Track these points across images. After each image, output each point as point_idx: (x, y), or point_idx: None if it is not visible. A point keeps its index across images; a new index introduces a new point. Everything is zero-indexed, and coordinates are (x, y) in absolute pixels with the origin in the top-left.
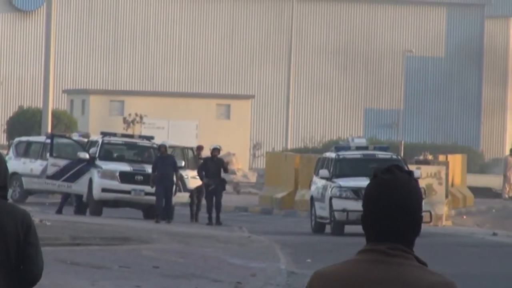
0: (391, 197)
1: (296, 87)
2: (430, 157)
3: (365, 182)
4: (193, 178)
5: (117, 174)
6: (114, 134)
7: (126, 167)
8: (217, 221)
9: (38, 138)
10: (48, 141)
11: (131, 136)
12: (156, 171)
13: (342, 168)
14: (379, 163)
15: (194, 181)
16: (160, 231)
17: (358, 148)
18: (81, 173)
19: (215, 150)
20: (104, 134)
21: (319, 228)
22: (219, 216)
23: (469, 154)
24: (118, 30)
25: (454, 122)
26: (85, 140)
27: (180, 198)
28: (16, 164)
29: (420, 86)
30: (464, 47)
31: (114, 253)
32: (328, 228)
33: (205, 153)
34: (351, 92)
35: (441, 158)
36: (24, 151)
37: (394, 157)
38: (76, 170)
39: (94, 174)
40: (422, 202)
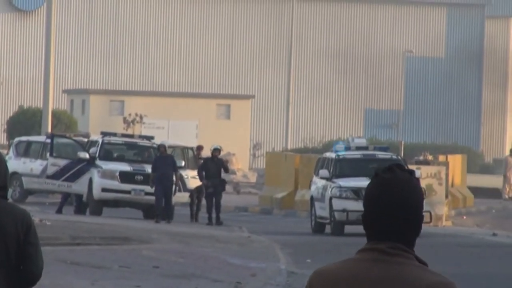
0: (392, 196)
1: (296, 88)
2: (430, 158)
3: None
4: (193, 178)
5: (117, 174)
6: (114, 134)
7: (126, 167)
8: (217, 221)
9: (38, 138)
10: (48, 141)
11: (131, 136)
12: (156, 171)
13: (342, 168)
14: (379, 163)
15: (194, 181)
16: (160, 231)
17: (358, 148)
18: (81, 173)
19: (216, 151)
20: (104, 134)
21: (319, 228)
22: (219, 216)
23: (469, 155)
24: (118, 30)
25: (454, 123)
26: (85, 140)
27: (180, 198)
28: (16, 164)
29: (420, 87)
30: (464, 48)
31: (114, 253)
32: (328, 228)
33: (205, 153)
34: (351, 93)
35: (441, 159)
36: (24, 151)
37: (394, 157)
38: (76, 170)
39: (94, 174)
40: (423, 202)
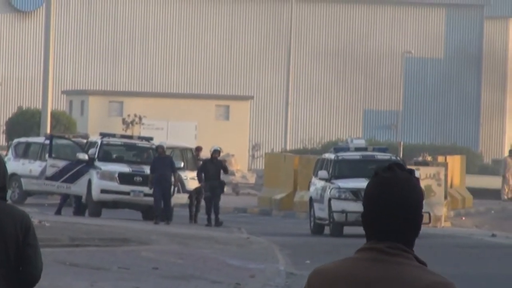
0: (392, 195)
1: (295, 89)
2: (429, 158)
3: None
4: (192, 179)
5: (116, 175)
6: (113, 135)
7: (125, 168)
8: (216, 222)
9: (37, 139)
10: (47, 142)
11: (130, 137)
12: (154, 172)
13: (341, 169)
14: (378, 164)
15: (193, 182)
16: (159, 232)
17: (357, 149)
18: (80, 174)
19: (216, 152)
20: (103, 135)
21: (318, 229)
22: (218, 218)
23: (468, 156)
24: (118, 31)
25: (453, 124)
26: (84, 141)
27: (179, 199)
28: (15, 165)
29: (419, 87)
30: (463, 49)
31: (113, 254)
32: (327, 229)
33: (204, 154)
34: (350, 93)
35: (440, 159)
36: (23, 152)
37: (393, 158)
38: (75, 171)
39: (93, 175)
40: (423, 201)
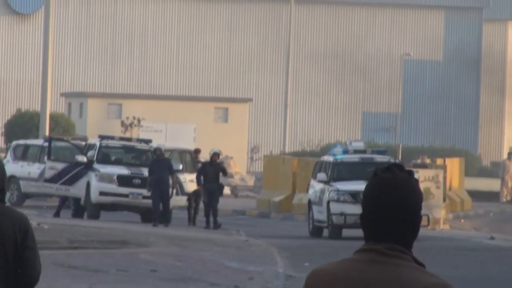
0: (391, 196)
1: (294, 91)
2: (428, 161)
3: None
4: (191, 182)
5: (115, 178)
6: (112, 137)
7: (124, 171)
8: (215, 225)
9: (36, 141)
10: (46, 144)
11: (129, 140)
12: (152, 175)
13: (340, 172)
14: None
15: (192, 185)
16: (158, 235)
17: (356, 152)
18: (79, 177)
19: (215, 155)
20: (102, 138)
21: (317, 232)
22: (217, 220)
23: (467, 158)
24: (116, 33)
25: (452, 126)
26: (83, 143)
27: (178, 202)
28: (14, 167)
29: (418, 90)
30: (462, 51)
31: (112, 257)
32: (326, 232)
33: (203, 156)
34: (349, 96)
35: (439, 162)
36: (22, 154)
37: (392, 161)
38: (74, 174)
39: (92, 178)
40: (422, 202)
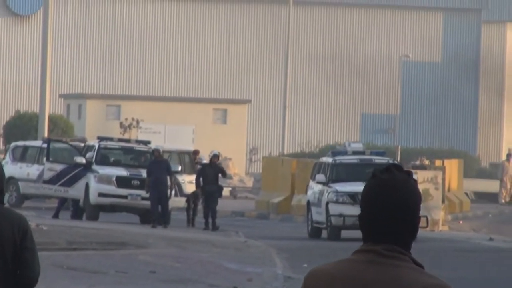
0: (390, 197)
1: (293, 92)
2: (427, 162)
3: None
4: (190, 183)
5: (114, 179)
6: (111, 139)
7: (123, 172)
8: (213, 227)
9: (35, 143)
10: (45, 146)
11: (128, 141)
12: (151, 176)
13: (339, 173)
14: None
15: (191, 186)
16: (157, 236)
17: (355, 153)
18: (78, 178)
19: (215, 157)
20: (101, 139)
21: (316, 233)
22: (215, 222)
23: (466, 159)
24: (115, 35)
25: (451, 127)
26: (82, 145)
27: (177, 203)
28: (13, 169)
29: (417, 91)
30: (461, 53)
31: (111, 258)
32: (325, 233)
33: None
34: (348, 97)
35: (438, 163)
36: (21, 156)
37: (391, 162)
38: (73, 175)
39: (91, 179)
40: (421, 203)
